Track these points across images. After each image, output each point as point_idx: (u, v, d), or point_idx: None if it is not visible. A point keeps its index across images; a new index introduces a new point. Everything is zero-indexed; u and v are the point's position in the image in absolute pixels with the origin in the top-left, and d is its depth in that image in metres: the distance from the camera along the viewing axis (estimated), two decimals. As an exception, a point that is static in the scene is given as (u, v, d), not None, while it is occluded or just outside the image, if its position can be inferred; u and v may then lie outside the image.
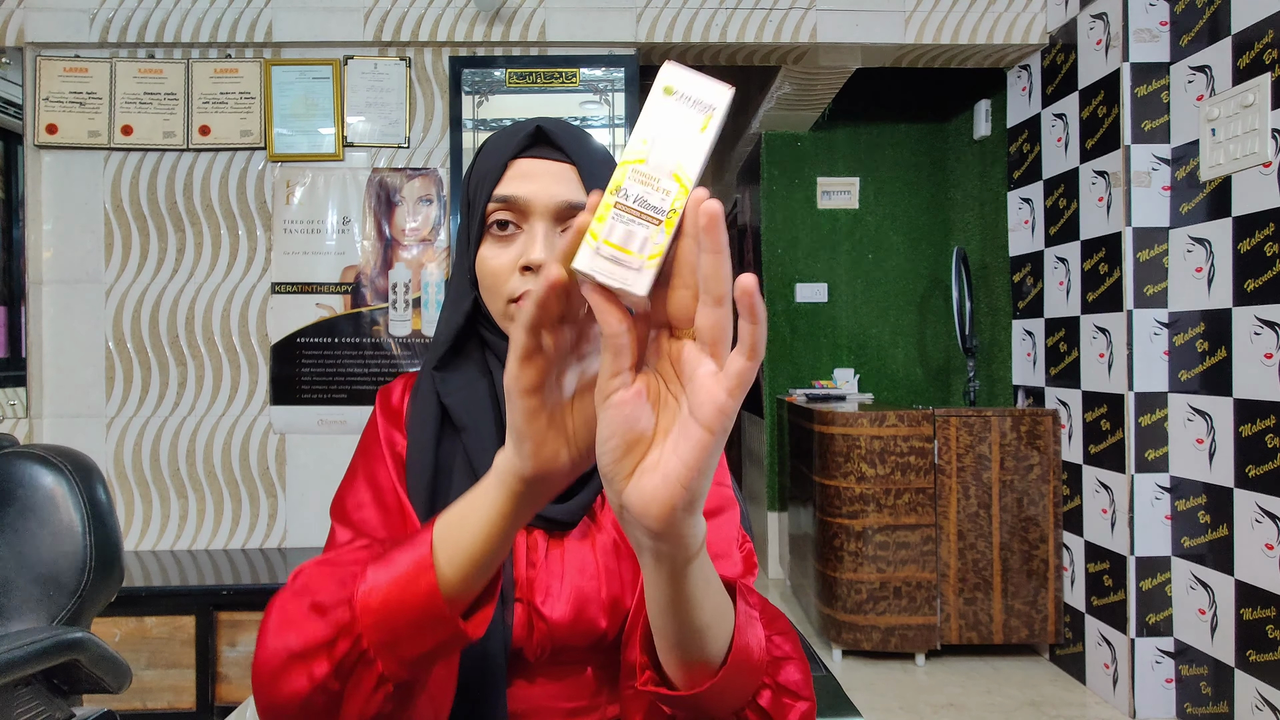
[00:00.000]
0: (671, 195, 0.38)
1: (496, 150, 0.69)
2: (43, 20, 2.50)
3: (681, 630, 0.47)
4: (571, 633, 0.64)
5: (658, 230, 0.38)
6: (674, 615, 0.47)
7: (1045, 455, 2.64)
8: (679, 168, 0.39)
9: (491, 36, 2.59)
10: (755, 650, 0.51)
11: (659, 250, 0.38)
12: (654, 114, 0.40)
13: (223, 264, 2.55)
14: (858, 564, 2.65)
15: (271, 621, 0.50)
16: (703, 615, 0.47)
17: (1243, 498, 2.01)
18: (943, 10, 2.68)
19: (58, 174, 2.51)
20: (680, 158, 0.39)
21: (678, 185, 0.39)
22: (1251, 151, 1.97)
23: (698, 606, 0.46)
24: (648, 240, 0.38)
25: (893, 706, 2.36)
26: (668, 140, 0.39)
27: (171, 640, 2.10)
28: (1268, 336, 1.94)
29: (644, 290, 0.38)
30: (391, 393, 0.75)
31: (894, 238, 3.71)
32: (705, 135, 0.39)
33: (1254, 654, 1.97)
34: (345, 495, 0.68)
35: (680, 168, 0.39)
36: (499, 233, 0.67)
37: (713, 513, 0.68)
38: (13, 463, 1.17)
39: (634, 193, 0.39)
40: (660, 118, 0.40)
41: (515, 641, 0.64)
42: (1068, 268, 2.61)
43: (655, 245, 0.38)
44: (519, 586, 0.65)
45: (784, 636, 0.56)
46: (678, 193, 0.39)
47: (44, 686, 1.13)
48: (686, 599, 0.46)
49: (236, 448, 2.54)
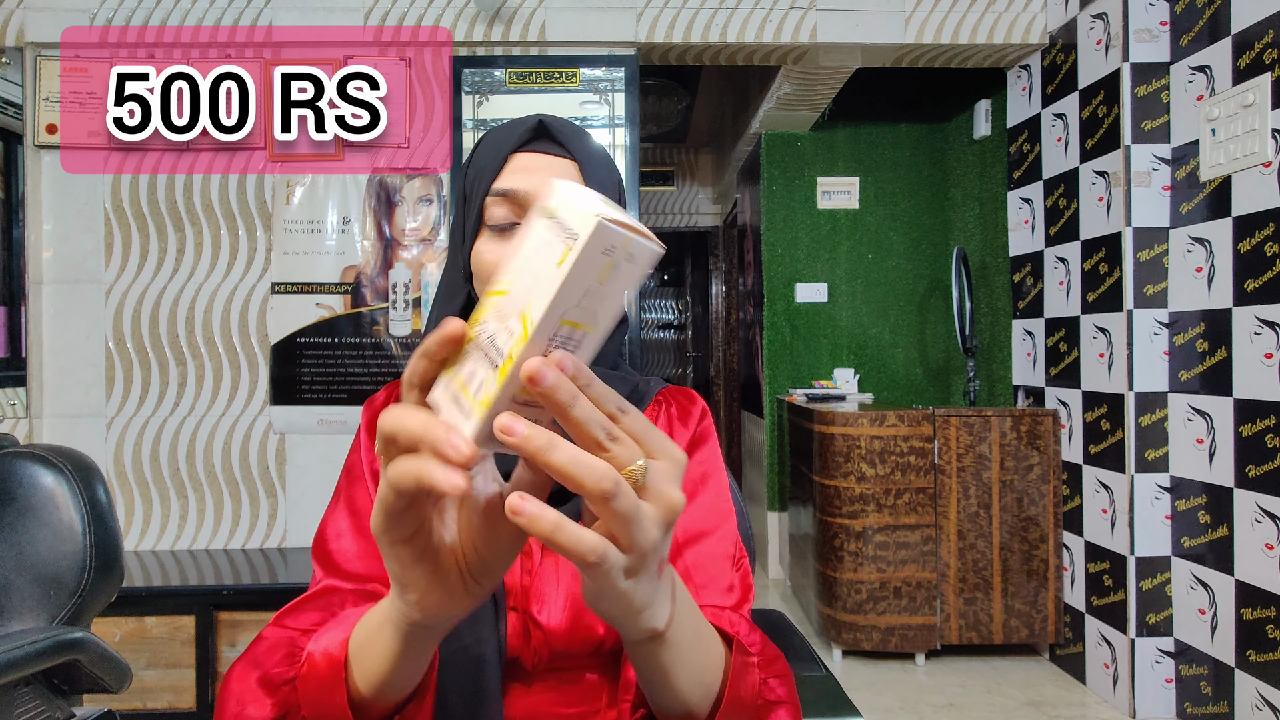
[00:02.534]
0: (513, 338, 0.33)
1: (496, 144, 0.68)
2: (43, 20, 2.50)
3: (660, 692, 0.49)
4: (569, 640, 0.63)
5: (492, 375, 0.34)
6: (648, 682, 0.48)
7: (1045, 455, 2.64)
8: (527, 307, 0.33)
9: (491, 36, 2.59)
10: (746, 697, 0.52)
11: (488, 398, 0.33)
12: (526, 239, 0.35)
13: (223, 264, 2.55)
14: (858, 564, 2.65)
15: (230, 690, 0.54)
16: (679, 686, 0.48)
17: (1243, 498, 2.01)
18: (943, 10, 2.68)
19: (58, 174, 2.51)
20: (531, 296, 0.33)
21: (520, 328, 0.33)
22: (1251, 151, 1.97)
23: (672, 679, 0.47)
24: (483, 384, 0.34)
25: (893, 706, 2.36)
26: (529, 271, 0.34)
27: (171, 640, 2.10)
28: (1268, 336, 1.94)
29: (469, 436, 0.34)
30: (375, 404, 0.73)
31: (894, 238, 3.71)
32: (560, 271, 0.32)
33: (1254, 654, 1.97)
34: (326, 524, 0.67)
35: (529, 308, 0.33)
36: (497, 227, 0.66)
37: (698, 536, 0.66)
38: (13, 463, 1.17)
39: (488, 330, 0.35)
40: (530, 244, 0.34)
41: (511, 650, 0.64)
42: (1068, 268, 2.61)
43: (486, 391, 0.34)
44: (513, 595, 0.64)
45: (780, 680, 0.56)
46: (519, 336, 0.33)
47: (44, 686, 1.13)
48: (657, 672, 0.46)
49: (236, 448, 2.54)
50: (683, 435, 0.73)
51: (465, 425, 0.34)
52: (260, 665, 0.53)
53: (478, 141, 0.72)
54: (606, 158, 0.70)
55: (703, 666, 0.49)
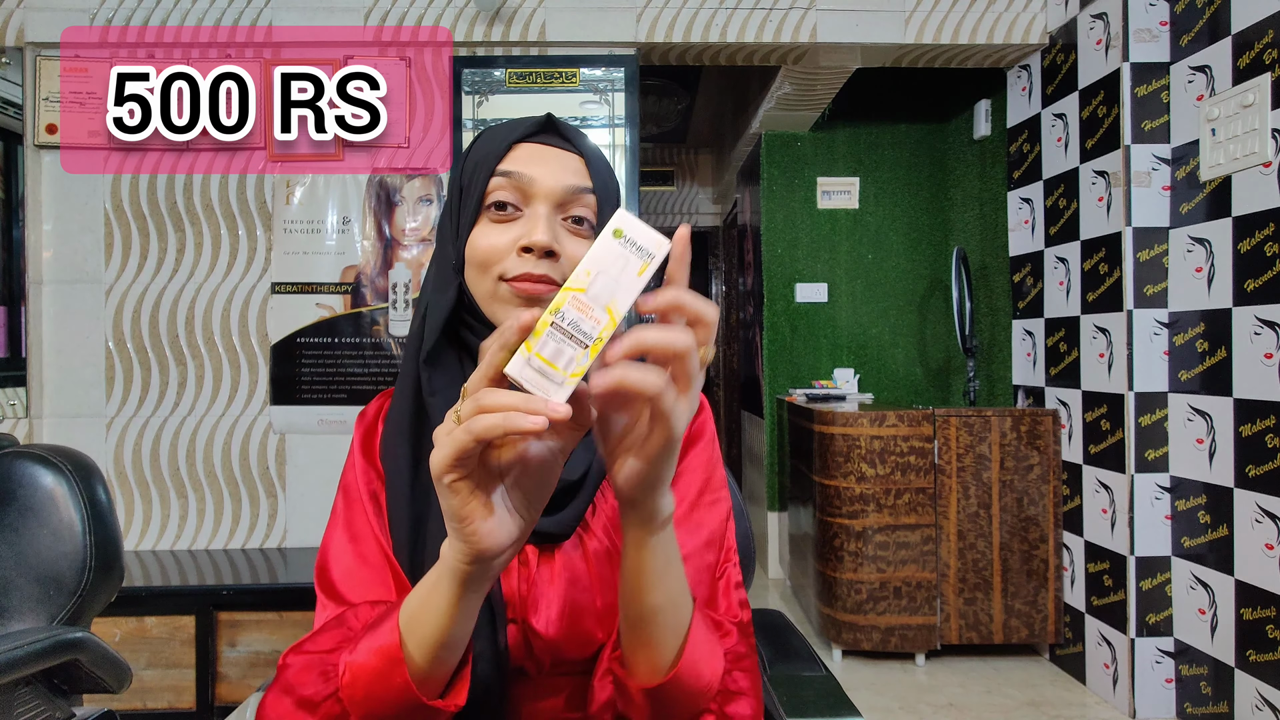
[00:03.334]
0: (601, 325, 0.44)
1: (500, 134, 0.67)
2: (43, 20, 2.50)
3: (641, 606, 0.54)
4: (568, 646, 0.64)
5: (583, 353, 0.44)
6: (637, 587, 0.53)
7: (1045, 455, 2.64)
8: (613, 303, 0.44)
9: (491, 36, 2.59)
10: (706, 673, 0.57)
11: (581, 370, 0.43)
12: (601, 251, 0.45)
13: (223, 264, 2.55)
14: (858, 564, 2.65)
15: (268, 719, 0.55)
16: (657, 595, 0.54)
17: (1243, 498, 2.01)
18: (943, 10, 2.68)
19: (58, 174, 2.51)
20: (616, 294, 0.44)
21: (608, 317, 0.44)
22: (1251, 151, 1.97)
23: (654, 584, 0.53)
24: (573, 360, 0.43)
25: (893, 706, 2.36)
26: (608, 277, 0.44)
27: (171, 640, 2.10)
28: (1268, 336, 1.94)
29: (562, 401, 0.43)
30: (366, 418, 0.72)
31: (894, 238, 3.71)
32: (641, 279, 0.44)
33: (1254, 654, 1.97)
34: (328, 552, 0.66)
35: (614, 303, 0.44)
36: (498, 213, 0.64)
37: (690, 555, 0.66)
38: (13, 463, 1.17)
39: (570, 316, 0.44)
40: (606, 255, 0.44)
41: (513, 660, 0.64)
42: (1068, 268, 2.61)
43: (579, 365, 0.43)
44: (511, 605, 0.64)
45: (745, 674, 0.60)
46: (607, 324, 0.44)
47: (44, 686, 1.13)
48: (648, 569, 0.53)
49: (236, 448, 2.54)
50: None
51: (559, 391, 0.43)
52: (293, 690, 0.55)
53: (478, 135, 0.71)
54: (609, 163, 0.70)
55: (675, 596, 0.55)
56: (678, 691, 0.56)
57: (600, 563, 0.66)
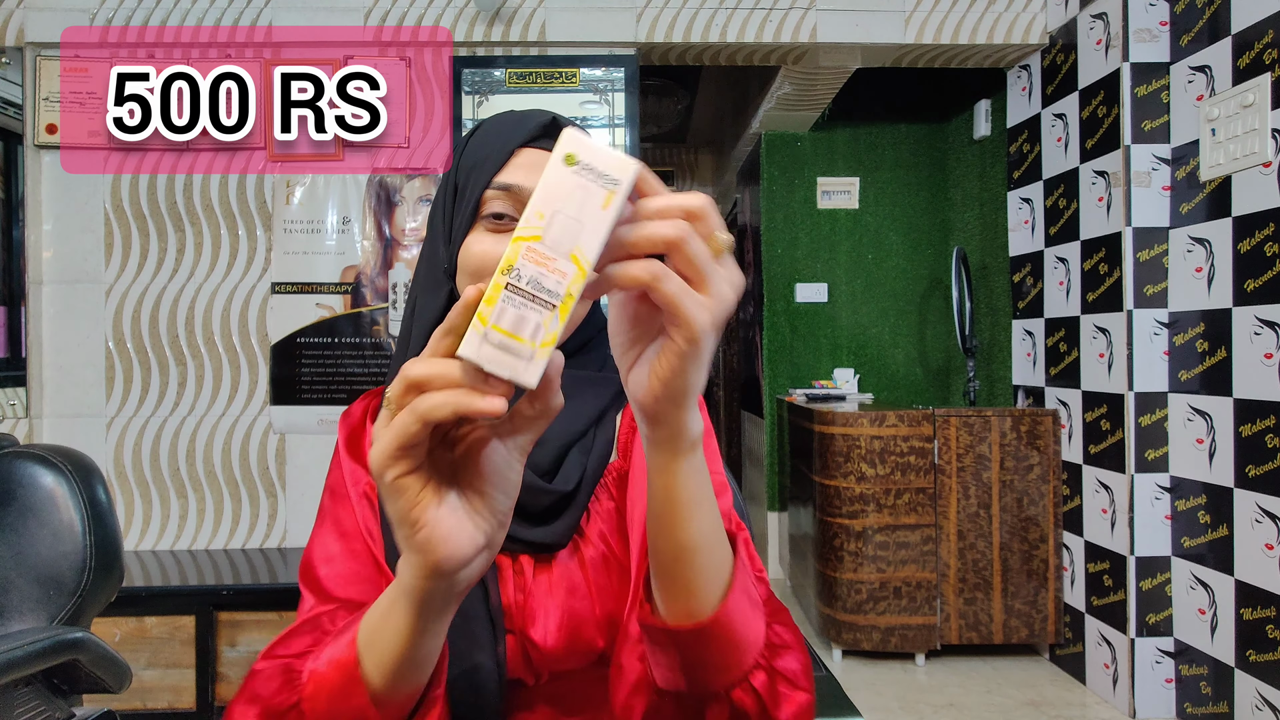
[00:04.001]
0: (568, 279, 0.36)
1: (500, 135, 0.64)
2: (43, 20, 2.50)
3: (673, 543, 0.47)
4: (568, 656, 0.62)
5: (551, 316, 0.36)
6: (667, 520, 0.47)
7: (1045, 455, 2.64)
8: (577, 249, 0.36)
9: (492, 36, 2.59)
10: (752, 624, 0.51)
11: (552, 337, 0.36)
12: (554, 185, 0.37)
13: (223, 264, 2.55)
14: (858, 564, 2.65)
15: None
16: (693, 529, 0.47)
17: (1243, 498, 2.01)
18: (943, 10, 2.68)
19: (58, 174, 2.51)
20: (580, 237, 0.36)
21: (574, 268, 0.36)
22: (1251, 151, 1.97)
23: (689, 515, 0.47)
24: (540, 326, 0.36)
25: (893, 706, 2.36)
26: (567, 216, 0.36)
27: (171, 640, 2.10)
28: (1268, 336, 1.94)
29: (535, 381, 0.36)
30: (351, 418, 0.70)
31: (894, 238, 3.71)
32: (609, 213, 0.37)
33: (1254, 654, 1.97)
34: (313, 548, 0.65)
35: (579, 249, 0.36)
36: (494, 223, 0.62)
37: None
38: (13, 463, 1.17)
39: (528, 274, 0.36)
40: (560, 190, 0.37)
41: (511, 672, 0.62)
42: (1068, 268, 2.61)
43: (548, 332, 0.36)
44: (508, 616, 0.62)
45: (786, 628, 0.55)
46: (574, 275, 0.36)
47: (44, 686, 1.13)
48: (678, 499, 0.46)
49: (236, 448, 2.54)
50: None
51: (530, 367, 0.36)
52: (259, 699, 0.51)
53: (474, 129, 0.67)
54: None
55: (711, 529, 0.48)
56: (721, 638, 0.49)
57: (598, 570, 0.63)
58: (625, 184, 0.37)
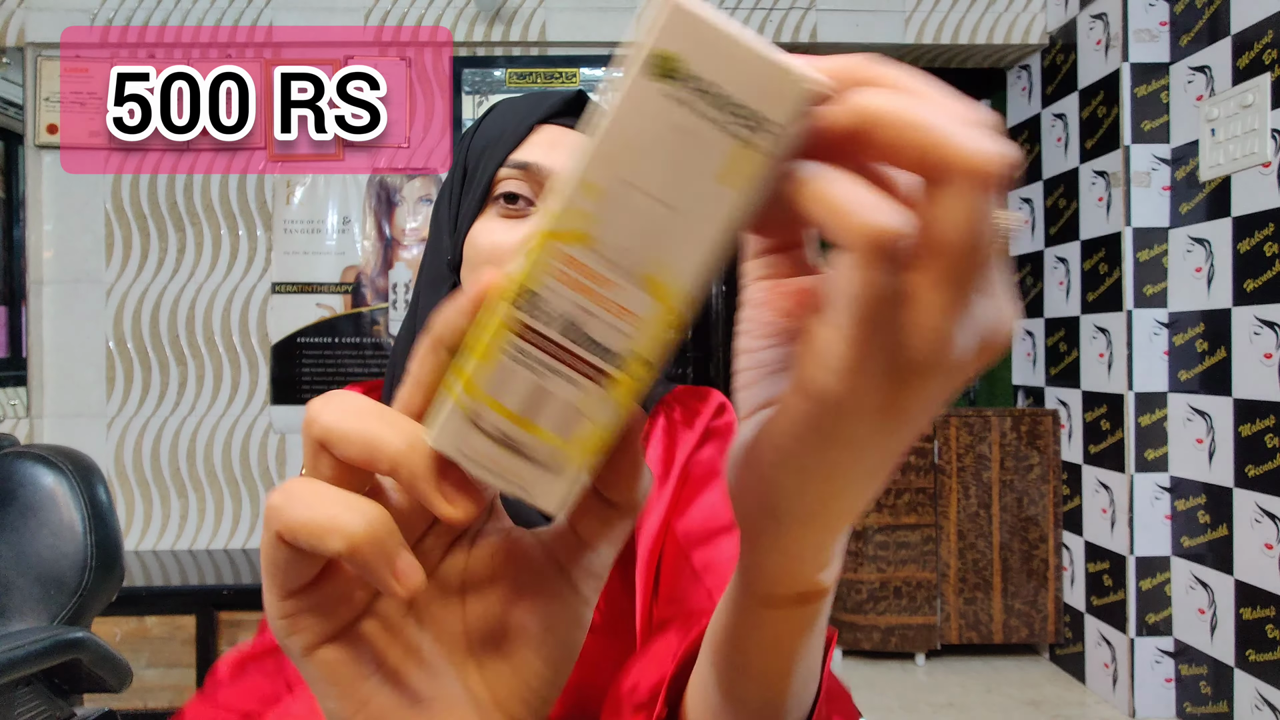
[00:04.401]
0: (638, 324, 0.19)
1: (518, 110, 0.56)
2: (43, 20, 2.50)
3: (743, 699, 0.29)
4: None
5: (599, 395, 0.20)
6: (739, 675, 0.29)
7: (1045, 455, 2.64)
8: (660, 265, 0.19)
9: (492, 36, 2.59)
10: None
11: (599, 437, 0.20)
12: (623, 123, 0.18)
13: (223, 264, 2.55)
14: (858, 564, 2.65)
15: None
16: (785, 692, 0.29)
17: (1242, 497, 2.01)
18: (943, 10, 2.68)
19: (58, 174, 2.51)
20: (667, 241, 0.19)
21: (653, 304, 0.19)
22: (1251, 151, 1.97)
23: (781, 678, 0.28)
24: (577, 413, 0.20)
25: (893, 706, 2.37)
26: (646, 195, 0.18)
27: (172, 640, 2.10)
28: (1267, 336, 1.94)
29: (557, 508, 0.21)
30: None
31: (894, 238, 3.71)
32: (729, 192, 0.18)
33: (1253, 653, 1.97)
34: None
35: (664, 266, 0.19)
36: (507, 207, 0.52)
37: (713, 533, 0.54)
38: (13, 463, 1.17)
39: (560, 308, 0.19)
40: (636, 133, 0.18)
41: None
42: (1067, 268, 2.61)
43: (592, 424, 0.20)
44: None
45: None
46: (651, 317, 0.19)
47: (45, 686, 1.13)
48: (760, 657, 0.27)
49: (237, 448, 2.54)
50: (688, 439, 0.60)
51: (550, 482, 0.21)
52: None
53: (489, 109, 0.60)
54: None
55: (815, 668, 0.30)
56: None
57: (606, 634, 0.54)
58: (778, 128, 0.18)
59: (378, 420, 0.21)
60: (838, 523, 0.22)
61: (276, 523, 0.20)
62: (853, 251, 0.17)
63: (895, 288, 0.17)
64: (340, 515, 0.20)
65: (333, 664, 0.22)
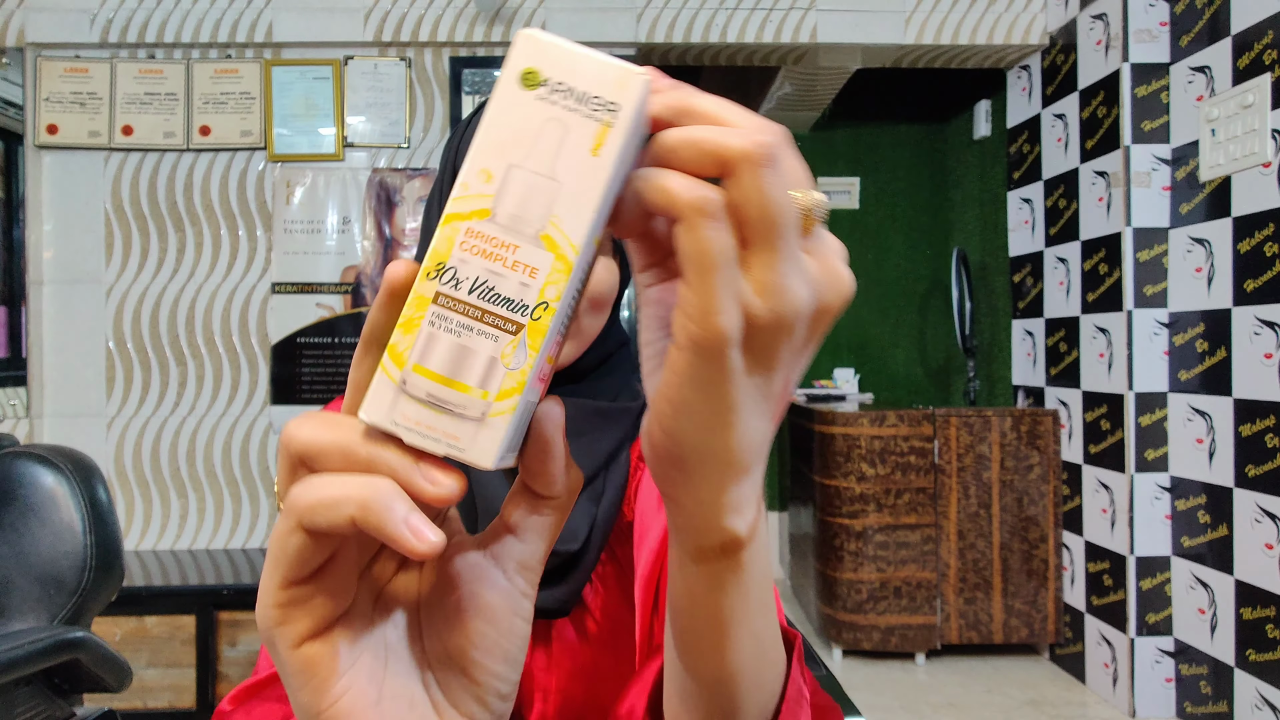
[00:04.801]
0: (541, 275, 0.22)
1: None
2: (43, 20, 2.50)
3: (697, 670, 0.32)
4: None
5: (514, 343, 0.22)
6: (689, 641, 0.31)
7: (1045, 455, 2.64)
8: (554, 224, 0.23)
9: (491, 37, 2.59)
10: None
11: (518, 379, 0.22)
12: (506, 124, 0.23)
13: (223, 264, 2.55)
14: (858, 564, 2.65)
15: None
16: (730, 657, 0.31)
17: (1242, 497, 2.01)
18: (943, 10, 2.68)
19: (58, 174, 2.51)
20: (556, 204, 0.22)
21: (551, 257, 0.22)
22: (1251, 152, 1.97)
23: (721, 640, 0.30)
24: (496, 363, 0.22)
25: (893, 706, 2.37)
26: (532, 173, 0.23)
27: (172, 640, 2.10)
28: (1267, 336, 1.94)
29: (490, 458, 0.22)
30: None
31: (894, 238, 3.71)
32: (602, 160, 0.22)
33: (1254, 653, 1.97)
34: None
35: (557, 224, 0.23)
36: None
37: None
38: (13, 463, 1.17)
39: (471, 273, 0.22)
40: (517, 130, 0.23)
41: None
42: (1068, 268, 2.61)
43: (510, 372, 0.22)
44: None
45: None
46: (551, 269, 0.22)
47: (45, 685, 1.13)
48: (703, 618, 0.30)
49: (237, 448, 2.54)
50: None
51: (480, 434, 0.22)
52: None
53: (474, 111, 0.59)
54: None
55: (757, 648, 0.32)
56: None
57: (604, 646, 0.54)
58: (629, 110, 0.22)
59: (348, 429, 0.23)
60: (736, 463, 0.25)
61: (297, 508, 0.22)
62: (681, 218, 0.22)
63: (721, 244, 0.22)
64: (349, 484, 0.22)
65: (313, 658, 0.24)
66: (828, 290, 0.24)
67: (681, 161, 0.23)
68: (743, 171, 0.22)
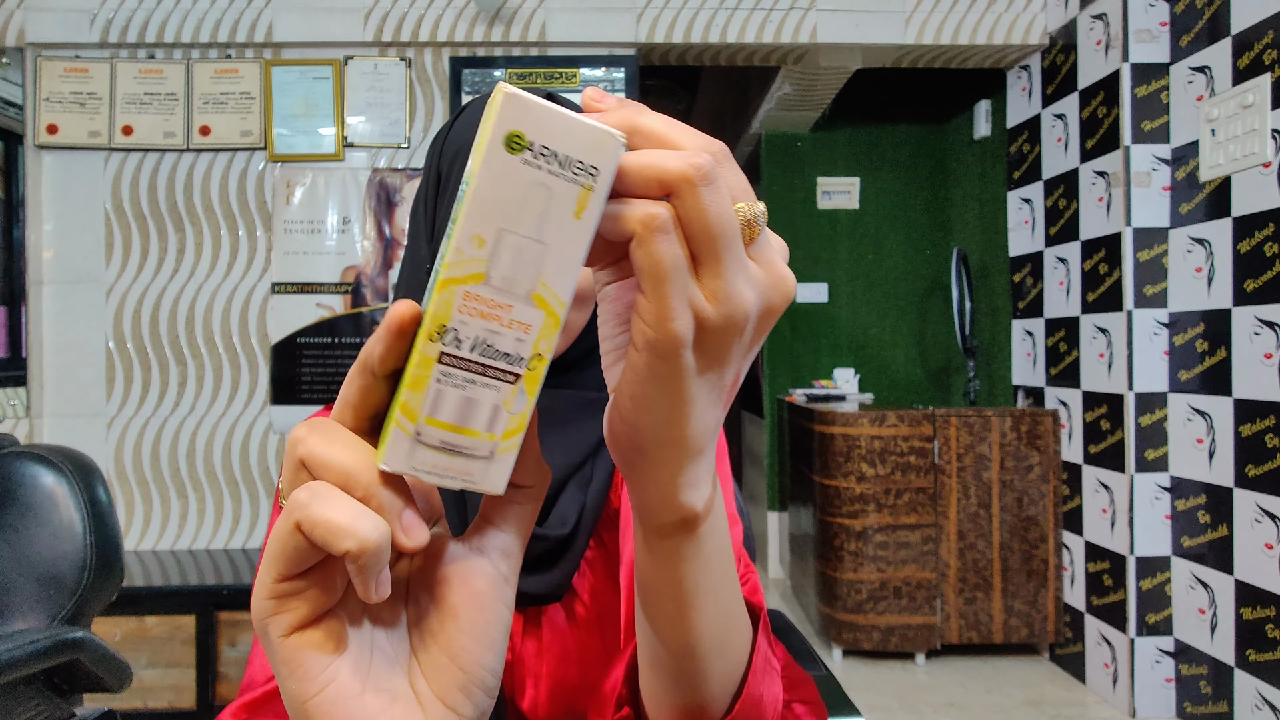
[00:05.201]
0: (534, 332, 0.25)
1: None
2: (43, 20, 2.50)
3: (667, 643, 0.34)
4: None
5: (514, 391, 0.25)
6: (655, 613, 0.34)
7: (1045, 455, 2.64)
8: (543, 284, 0.25)
9: (491, 37, 2.59)
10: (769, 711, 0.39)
11: (519, 421, 0.26)
12: (494, 190, 0.24)
13: (223, 264, 2.55)
14: (858, 564, 2.65)
15: None
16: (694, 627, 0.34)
17: (1242, 497, 2.01)
18: (943, 10, 2.68)
19: (58, 174, 2.51)
20: (544, 265, 0.25)
21: (542, 314, 0.25)
22: (1251, 152, 1.97)
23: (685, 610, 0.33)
24: (499, 410, 0.25)
25: (893, 706, 2.37)
26: (521, 237, 0.24)
27: (172, 640, 2.10)
28: (1267, 336, 1.94)
29: (502, 485, 0.26)
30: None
31: (894, 238, 3.71)
32: (585, 223, 0.25)
33: (1254, 653, 1.97)
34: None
35: (546, 284, 0.25)
36: None
37: None
38: (13, 463, 1.17)
39: (471, 334, 0.25)
40: (505, 196, 0.24)
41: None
42: (1068, 268, 2.61)
43: (513, 415, 0.26)
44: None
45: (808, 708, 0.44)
46: (543, 325, 0.25)
47: (45, 686, 1.13)
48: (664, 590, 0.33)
49: (237, 448, 2.54)
50: None
51: (491, 469, 0.26)
52: None
53: (458, 113, 0.59)
54: None
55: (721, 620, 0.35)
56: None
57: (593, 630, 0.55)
58: (607, 173, 0.25)
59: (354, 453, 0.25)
60: (691, 448, 0.28)
61: (300, 514, 0.24)
62: (634, 234, 0.24)
63: (672, 256, 0.24)
64: (358, 521, 0.24)
65: (303, 648, 0.25)
66: (772, 292, 0.27)
67: (628, 187, 0.25)
68: (684, 192, 0.24)
